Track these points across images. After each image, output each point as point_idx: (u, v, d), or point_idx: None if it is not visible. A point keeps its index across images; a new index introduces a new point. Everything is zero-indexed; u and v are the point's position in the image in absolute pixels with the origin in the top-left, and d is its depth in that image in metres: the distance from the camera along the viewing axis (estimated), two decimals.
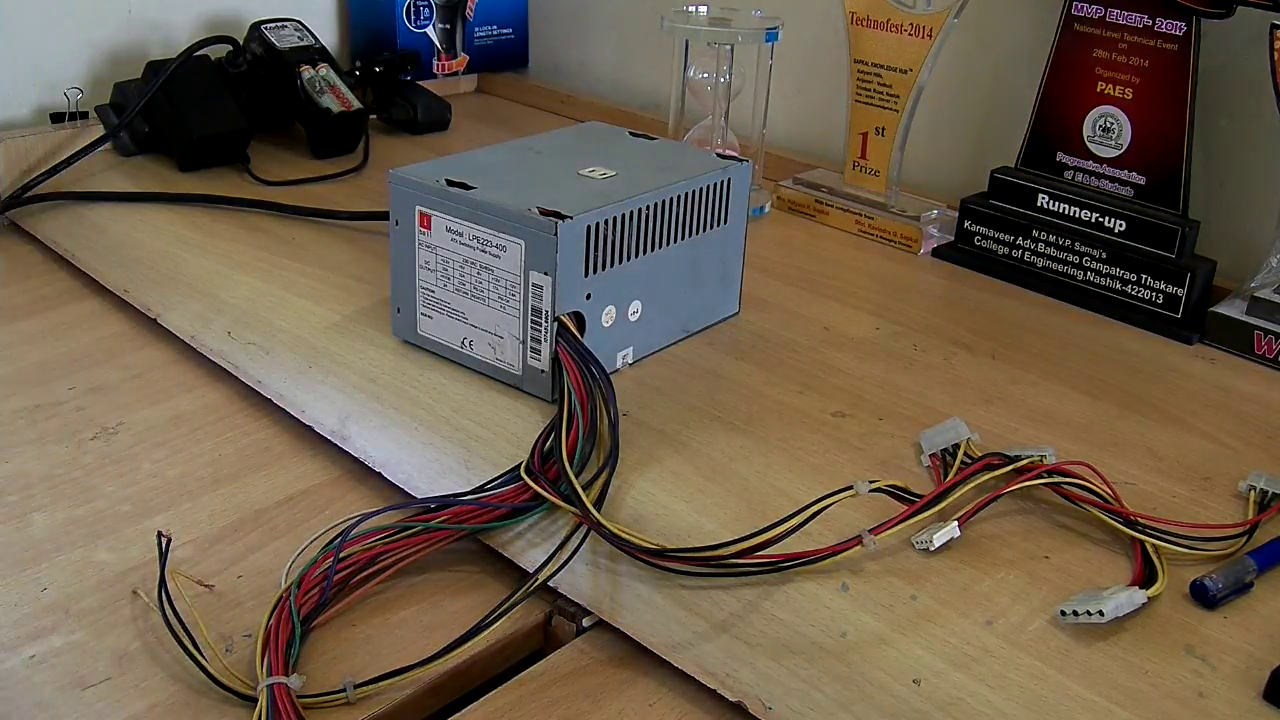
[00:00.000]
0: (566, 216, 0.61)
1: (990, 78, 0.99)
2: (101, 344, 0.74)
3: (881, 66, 0.91)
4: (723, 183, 0.72)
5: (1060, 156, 0.86)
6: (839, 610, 0.50)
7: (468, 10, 1.28)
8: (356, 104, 1.05)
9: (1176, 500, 0.59)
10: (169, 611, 0.48)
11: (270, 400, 0.68)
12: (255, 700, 0.45)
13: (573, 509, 0.54)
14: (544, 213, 0.62)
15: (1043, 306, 0.83)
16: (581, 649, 0.51)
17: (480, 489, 0.57)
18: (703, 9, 0.94)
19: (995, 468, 0.57)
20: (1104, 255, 0.82)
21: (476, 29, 1.29)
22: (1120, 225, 0.82)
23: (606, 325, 0.67)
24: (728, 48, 0.93)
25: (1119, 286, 0.82)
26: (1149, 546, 0.54)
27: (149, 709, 0.46)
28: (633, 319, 0.69)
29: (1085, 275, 0.84)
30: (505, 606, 0.50)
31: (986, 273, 0.88)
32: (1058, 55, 0.85)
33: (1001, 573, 0.53)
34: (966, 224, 0.90)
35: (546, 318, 0.63)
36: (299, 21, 1.08)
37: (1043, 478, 0.57)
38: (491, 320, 0.65)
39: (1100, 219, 0.83)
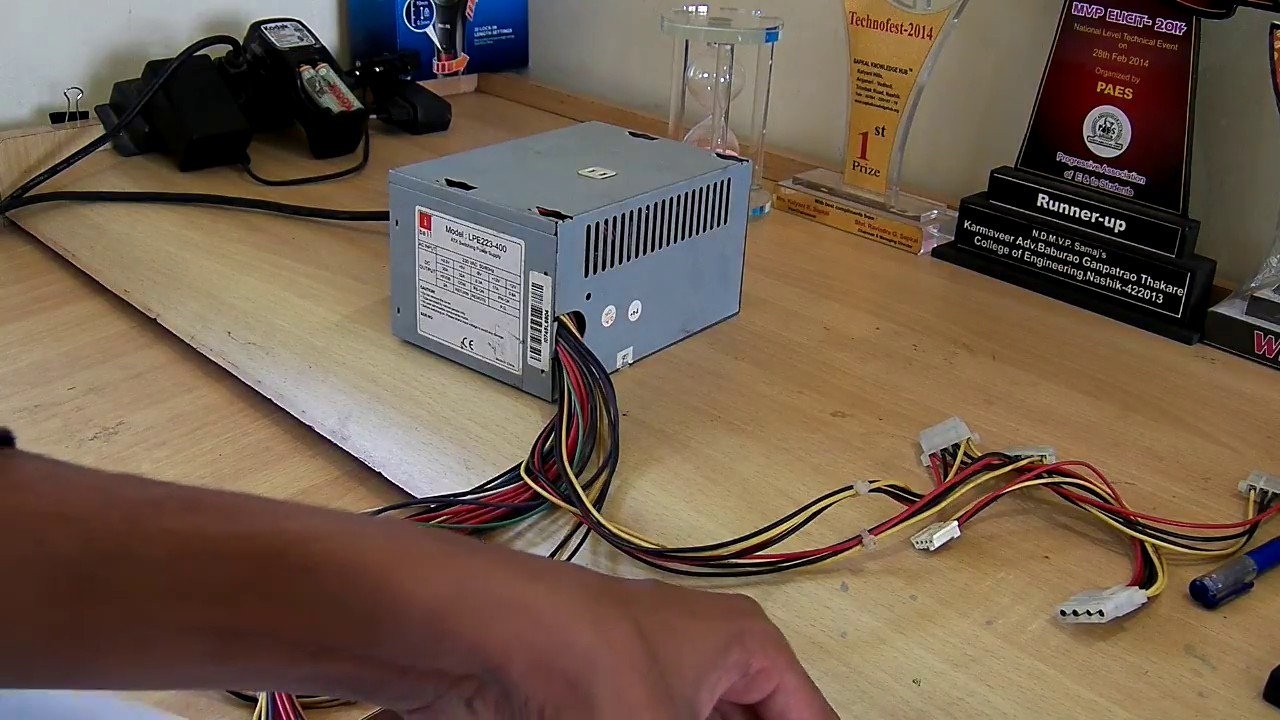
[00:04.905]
0: (566, 216, 0.61)
1: (990, 78, 0.99)
2: (101, 344, 0.74)
3: (881, 66, 0.91)
4: (723, 183, 0.72)
5: (1060, 156, 0.86)
6: (839, 610, 0.50)
7: (468, 10, 1.28)
8: (356, 104, 1.05)
9: (1176, 500, 0.59)
10: None
11: (270, 400, 0.68)
12: (255, 700, 0.45)
13: (573, 509, 0.54)
14: (544, 213, 0.62)
15: (1043, 306, 0.83)
16: None
17: (480, 489, 0.57)
18: (703, 9, 0.94)
19: (995, 468, 0.57)
20: (1104, 255, 0.82)
21: (476, 29, 1.30)
22: (1120, 225, 0.82)
23: (606, 325, 0.67)
24: (728, 48, 0.93)
25: (1119, 286, 0.82)
26: (1149, 546, 0.54)
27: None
28: (633, 319, 0.69)
29: (1085, 275, 0.84)
30: None
31: (986, 273, 0.88)
32: (1058, 55, 0.85)
33: (1001, 573, 0.53)
34: (966, 224, 0.90)
35: (546, 318, 0.63)
36: (299, 21, 1.08)
37: (1043, 478, 0.57)
38: (491, 320, 0.65)
39: (1100, 219, 0.83)
